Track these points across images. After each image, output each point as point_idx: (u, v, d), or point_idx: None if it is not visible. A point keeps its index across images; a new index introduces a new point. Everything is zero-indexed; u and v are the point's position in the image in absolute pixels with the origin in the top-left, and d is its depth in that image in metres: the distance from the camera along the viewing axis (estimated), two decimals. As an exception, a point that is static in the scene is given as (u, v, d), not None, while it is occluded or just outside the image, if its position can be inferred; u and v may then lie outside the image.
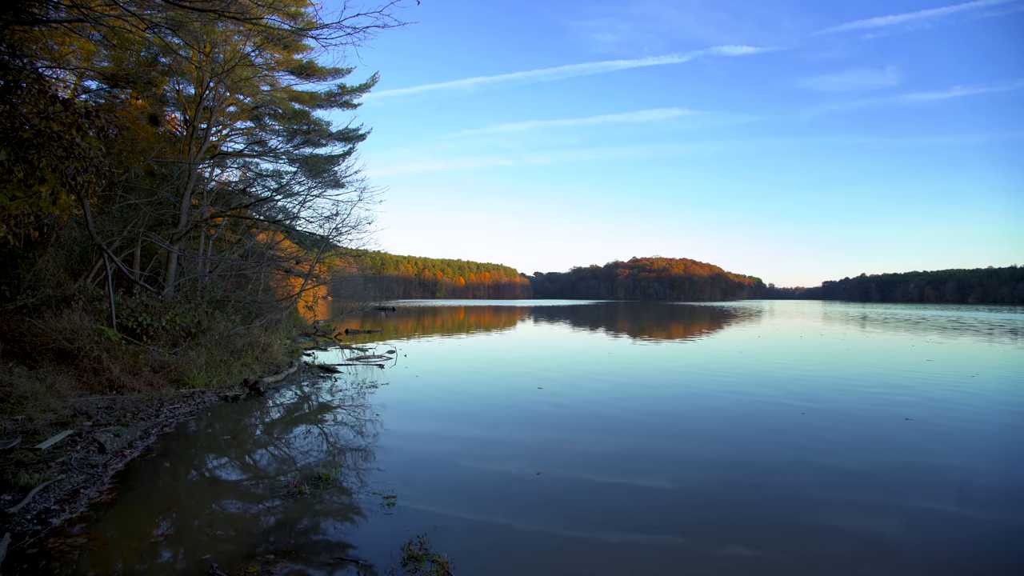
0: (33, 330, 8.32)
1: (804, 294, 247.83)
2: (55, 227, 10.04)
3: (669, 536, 4.16)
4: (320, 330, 19.30)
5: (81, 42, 11.31)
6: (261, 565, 3.54)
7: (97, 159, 6.11)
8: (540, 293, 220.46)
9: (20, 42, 8.29)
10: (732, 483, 5.35)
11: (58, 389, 7.32)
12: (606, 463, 5.93)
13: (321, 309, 30.80)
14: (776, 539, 4.13)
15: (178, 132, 15.96)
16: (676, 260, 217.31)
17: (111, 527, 4.08)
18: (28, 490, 4.47)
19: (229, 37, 13.64)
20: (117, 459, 5.59)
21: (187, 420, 7.41)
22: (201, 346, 10.27)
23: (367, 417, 7.81)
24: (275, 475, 5.38)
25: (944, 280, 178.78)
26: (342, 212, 16.10)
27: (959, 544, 4.12)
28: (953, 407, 8.92)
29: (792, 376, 12.07)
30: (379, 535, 4.03)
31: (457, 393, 9.82)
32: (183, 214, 12.94)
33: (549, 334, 25.97)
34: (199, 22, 10.15)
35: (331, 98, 17.52)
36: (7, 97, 5.63)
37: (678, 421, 7.91)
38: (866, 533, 4.23)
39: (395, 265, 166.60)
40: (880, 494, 5.04)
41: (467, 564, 3.64)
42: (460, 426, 7.46)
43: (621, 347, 19.38)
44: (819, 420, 7.94)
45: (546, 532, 4.18)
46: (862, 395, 9.87)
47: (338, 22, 6.60)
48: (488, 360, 14.89)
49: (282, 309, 16.39)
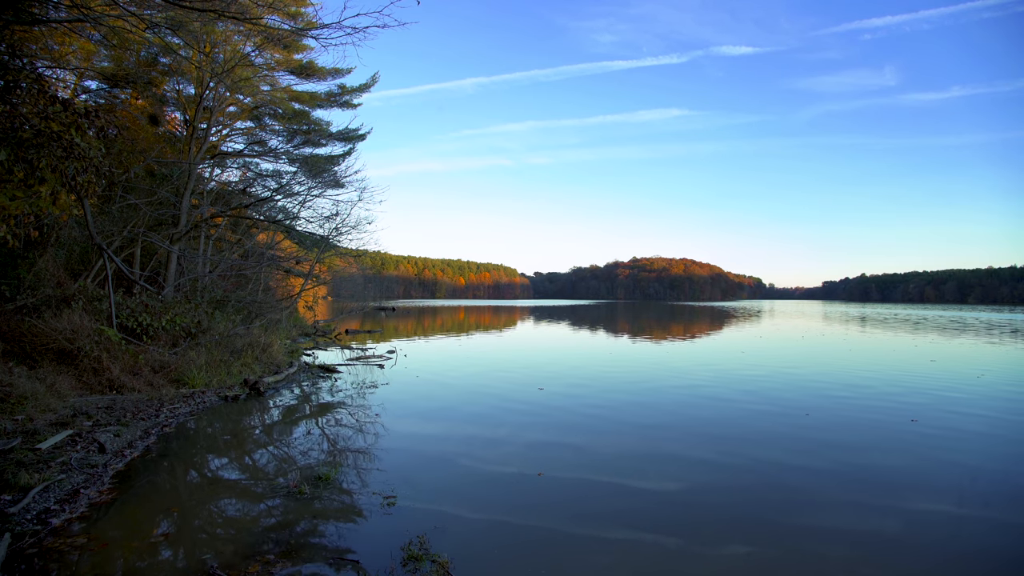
0: (33, 330, 8.32)
1: (804, 294, 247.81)
2: (55, 227, 10.04)
3: (670, 536, 4.15)
4: (320, 330, 19.30)
5: (81, 42, 11.31)
6: (261, 565, 3.54)
7: (97, 159, 6.11)
8: (540, 293, 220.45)
9: (20, 42, 8.29)
10: (734, 483, 5.35)
11: (58, 389, 7.32)
12: (606, 463, 5.93)
13: (321, 309, 30.80)
14: (778, 540, 4.13)
15: (178, 132, 15.96)
16: (676, 260, 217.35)
17: (111, 527, 4.08)
18: (28, 490, 4.46)
19: (229, 37, 13.64)
20: (117, 459, 5.59)
21: (187, 420, 7.41)
22: (201, 346, 10.27)
23: (367, 417, 7.81)
24: (275, 475, 5.38)
25: (944, 280, 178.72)
26: (342, 212, 16.15)
27: (970, 545, 4.11)
28: (961, 408, 8.81)
29: (796, 377, 12.05)
30: (379, 535, 4.03)
31: (457, 393, 9.81)
32: (183, 214, 12.94)
33: (549, 334, 25.97)
34: (199, 22, 10.15)
35: (331, 98, 17.53)
36: (7, 97, 5.63)
37: (679, 421, 7.90)
38: (872, 534, 4.22)
39: (395, 265, 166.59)
40: (890, 496, 5.01)
41: (467, 564, 3.64)
42: (460, 426, 7.45)
43: (622, 347, 19.38)
44: (824, 421, 7.89)
45: (546, 532, 4.18)
46: (867, 396, 9.80)
47: (338, 22, 6.62)
48: (488, 360, 14.89)
49: (282, 309, 16.40)
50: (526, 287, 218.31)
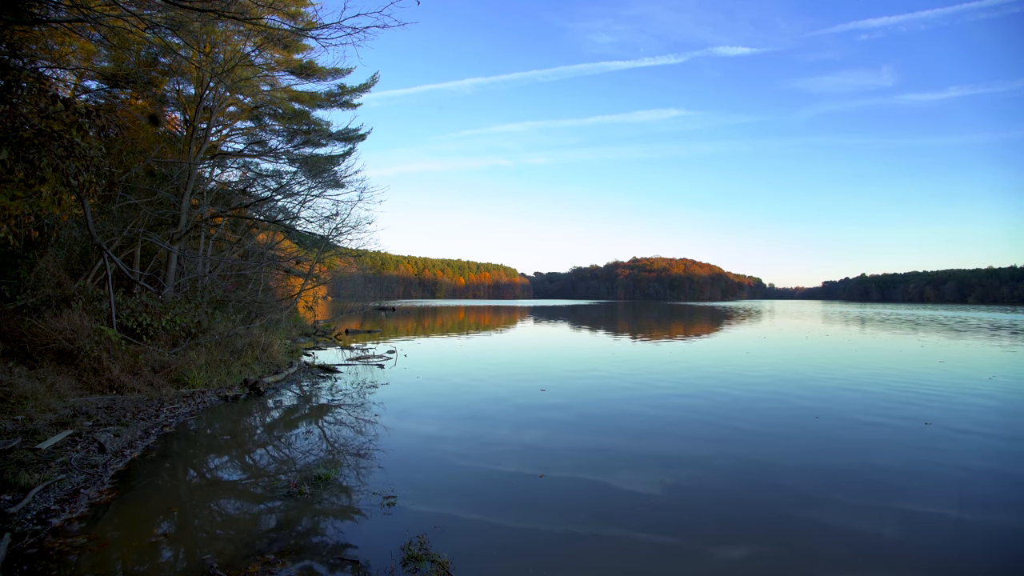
0: (33, 330, 8.32)
1: (804, 294, 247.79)
2: (55, 227, 10.04)
3: (671, 536, 4.15)
4: (320, 330, 19.30)
5: (81, 42, 11.32)
6: (261, 565, 3.54)
7: (97, 159, 6.12)
8: (540, 293, 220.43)
9: (20, 42, 8.29)
10: (736, 484, 5.34)
11: (58, 389, 7.32)
12: (607, 463, 5.92)
13: (321, 309, 30.79)
14: (780, 541, 4.12)
15: (178, 132, 15.96)
16: (676, 260, 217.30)
17: (111, 527, 4.08)
18: (28, 490, 4.46)
19: (229, 37, 13.64)
20: (117, 459, 5.58)
21: (187, 420, 7.41)
22: (201, 346, 10.27)
23: (367, 417, 7.81)
24: (275, 475, 5.38)
25: (944, 280, 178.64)
26: (342, 212, 16.14)
27: (987, 549, 4.11)
28: (973, 410, 8.68)
29: (802, 378, 11.95)
30: (379, 535, 4.03)
31: (457, 393, 9.81)
32: (183, 214, 12.94)
33: (550, 334, 25.96)
34: (199, 22, 10.14)
35: (331, 98, 17.53)
36: (7, 97, 5.63)
37: (682, 422, 7.88)
38: (883, 537, 4.21)
39: (395, 265, 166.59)
40: (909, 500, 4.94)
41: (467, 564, 3.64)
42: (460, 426, 7.45)
43: (623, 347, 19.38)
44: (834, 423, 7.76)
45: (546, 532, 4.18)
46: (877, 398, 9.63)
47: (338, 22, 6.61)
48: (488, 360, 14.89)
49: (282, 309, 16.39)
50: (526, 287, 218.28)
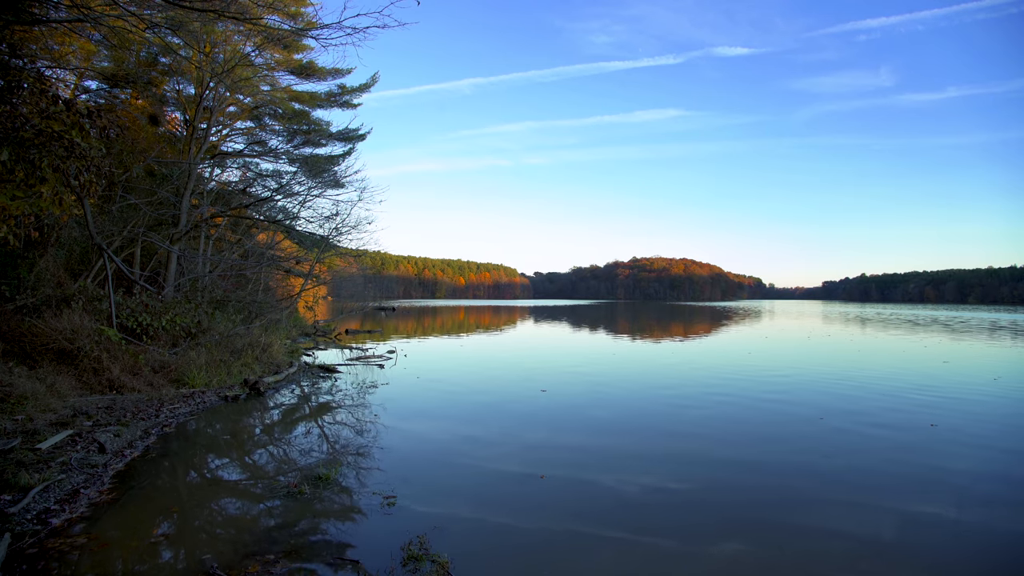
0: (33, 330, 8.32)
1: (804, 294, 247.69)
2: (55, 227, 10.04)
3: (671, 536, 4.15)
4: (320, 330, 19.30)
5: (81, 42, 11.32)
6: (261, 565, 3.54)
7: (97, 159, 6.12)
8: (540, 293, 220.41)
9: (20, 42, 8.29)
10: (737, 485, 5.33)
11: (58, 389, 7.32)
12: (607, 463, 5.92)
13: (321, 309, 30.79)
14: (781, 542, 4.12)
15: (178, 132, 15.97)
16: (676, 260, 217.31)
17: (111, 527, 4.08)
18: (28, 490, 4.46)
19: (229, 37, 13.65)
20: (117, 459, 5.59)
21: (187, 420, 7.41)
22: (201, 346, 10.27)
23: (367, 417, 7.81)
24: (275, 475, 5.38)
25: (944, 280, 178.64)
26: (342, 212, 16.14)
27: (997, 551, 4.11)
28: (980, 412, 8.61)
29: (805, 378, 11.90)
30: (379, 535, 4.03)
31: (457, 393, 9.81)
32: (183, 214, 12.94)
33: (550, 334, 25.96)
34: (199, 22, 10.15)
35: (331, 98, 17.54)
36: (8, 97, 5.63)
37: (683, 422, 7.87)
38: (886, 539, 4.21)
39: (395, 265, 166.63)
40: (914, 502, 4.91)
41: (467, 564, 3.64)
42: (460, 426, 7.45)
43: (624, 348, 19.38)
44: (839, 423, 7.70)
45: (546, 532, 4.18)
46: (882, 398, 9.55)
47: (338, 22, 6.61)
48: (489, 360, 14.89)
49: (282, 309, 16.39)
50: (526, 287, 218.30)
